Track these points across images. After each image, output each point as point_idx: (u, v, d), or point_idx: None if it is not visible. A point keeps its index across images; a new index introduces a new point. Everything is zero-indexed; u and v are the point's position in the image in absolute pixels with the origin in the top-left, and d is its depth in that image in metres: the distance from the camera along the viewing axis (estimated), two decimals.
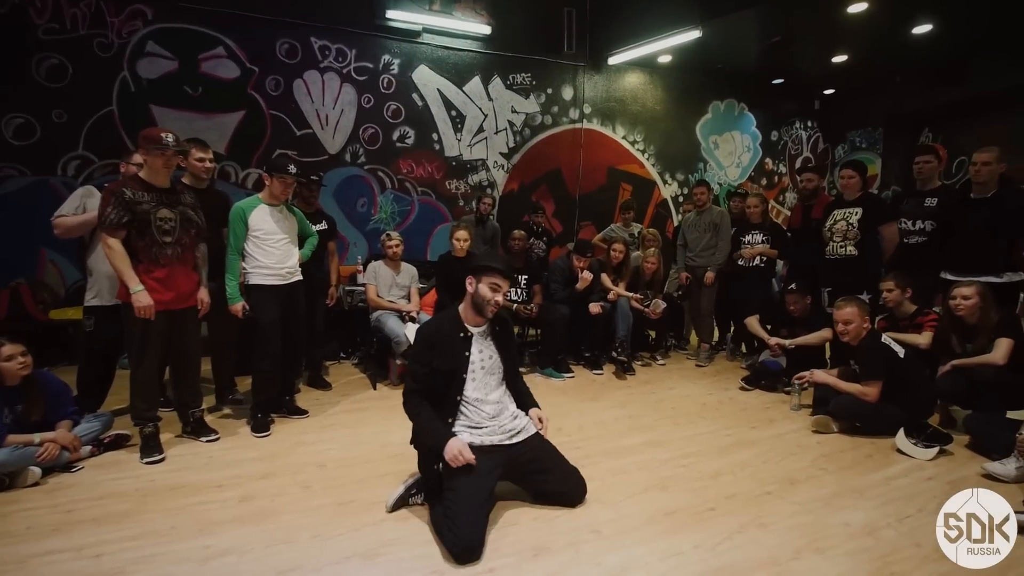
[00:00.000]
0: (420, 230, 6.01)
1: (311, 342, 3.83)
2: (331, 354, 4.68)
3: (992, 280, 3.28)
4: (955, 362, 3.10)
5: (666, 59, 6.77)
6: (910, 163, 3.87)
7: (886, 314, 3.65)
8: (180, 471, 2.57)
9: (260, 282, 3.05)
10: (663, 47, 6.01)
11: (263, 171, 3.15)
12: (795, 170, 8.23)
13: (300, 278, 3.23)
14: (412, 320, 4.02)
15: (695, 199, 5.02)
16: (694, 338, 5.34)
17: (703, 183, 5.00)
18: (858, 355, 3.22)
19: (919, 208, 3.72)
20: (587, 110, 6.77)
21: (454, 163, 6.12)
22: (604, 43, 6.49)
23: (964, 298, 3.06)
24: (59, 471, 2.50)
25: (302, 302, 3.26)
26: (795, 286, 4.00)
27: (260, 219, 3.03)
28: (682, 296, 5.20)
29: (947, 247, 3.59)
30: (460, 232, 4.25)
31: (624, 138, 7.08)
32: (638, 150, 7.19)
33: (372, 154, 5.73)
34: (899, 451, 2.89)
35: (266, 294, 3.05)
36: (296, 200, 3.74)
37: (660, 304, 4.66)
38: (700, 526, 2.15)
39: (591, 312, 4.39)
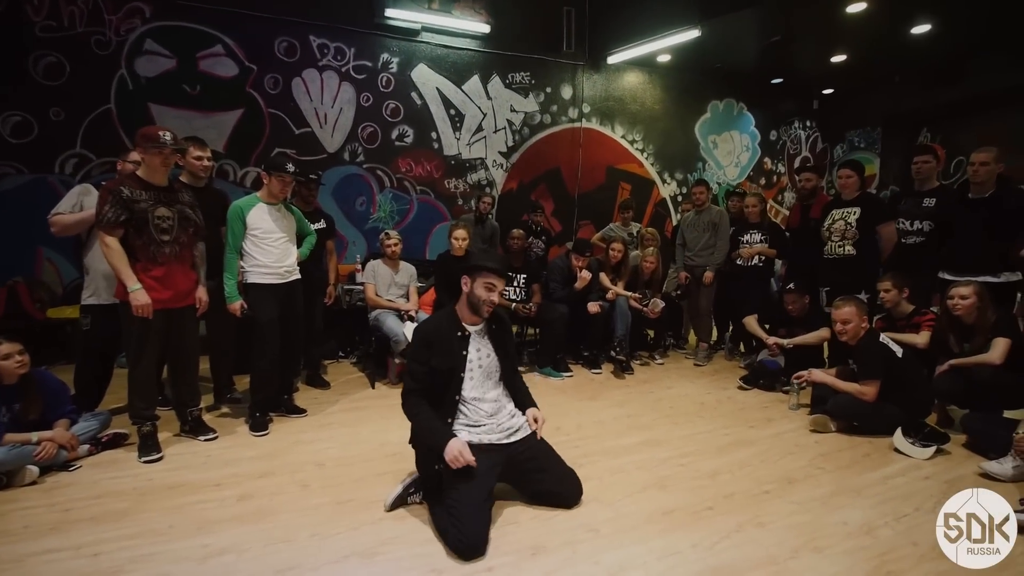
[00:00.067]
0: (419, 229, 6.00)
1: (309, 341, 3.83)
2: (330, 353, 4.68)
3: (990, 280, 3.28)
4: (953, 362, 3.11)
5: (665, 58, 6.77)
6: (908, 163, 3.88)
7: (884, 314, 3.65)
8: (178, 470, 2.57)
9: (258, 281, 3.04)
10: (662, 46, 6.02)
11: (261, 170, 3.15)
12: (794, 170, 8.24)
13: (298, 277, 3.23)
14: (411, 319, 4.01)
15: (694, 198, 5.02)
16: (692, 337, 5.35)
17: (702, 182, 5.00)
18: (856, 354, 3.22)
19: (917, 208, 3.73)
20: (586, 109, 6.77)
21: (453, 162, 6.12)
22: (603, 42, 6.49)
23: (962, 298, 3.07)
24: (57, 470, 2.50)
25: (300, 301, 3.25)
26: (793, 286, 4.01)
27: (258, 218, 3.03)
28: (681, 295, 5.20)
29: (945, 247, 3.60)
30: (458, 231, 4.25)
31: (623, 137, 7.08)
32: (637, 149, 7.20)
33: (371, 153, 5.72)
34: (897, 450, 2.89)
35: (264, 293, 3.05)
36: (295, 199, 3.74)
37: (659, 303, 4.67)
38: (698, 525, 2.15)
39: (590, 311, 4.39)
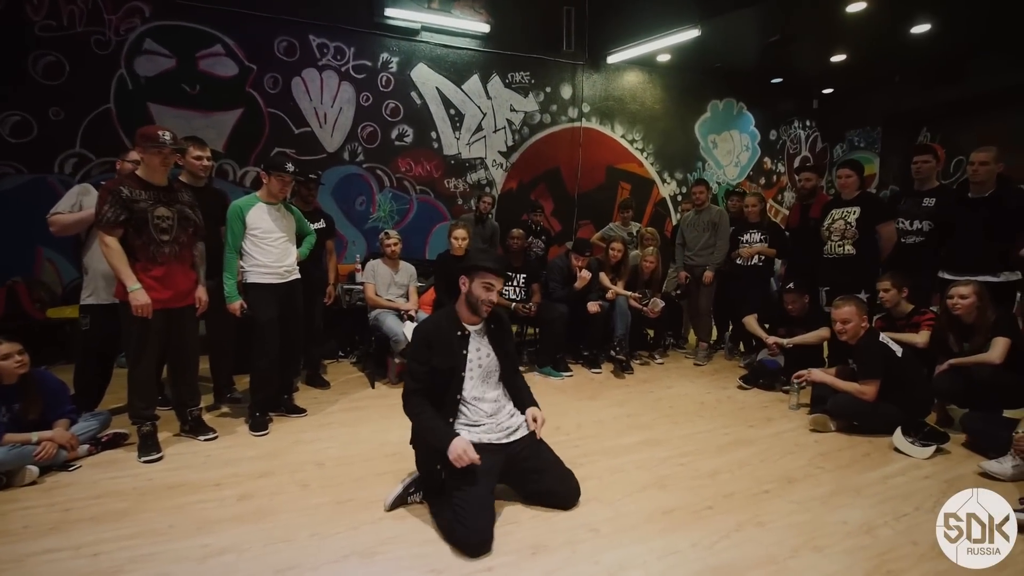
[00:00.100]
0: (418, 229, 6.00)
1: (309, 340, 3.83)
2: (329, 353, 4.68)
3: (989, 279, 3.28)
4: (952, 361, 3.11)
5: (665, 58, 6.77)
6: (908, 162, 3.88)
7: (883, 313, 3.65)
8: (178, 470, 2.57)
9: (258, 280, 3.04)
10: (662, 46, 6.02)
11: (261, 169, 3.15)
12: (793, 169, 8.24)
13: (298, 277, 3.23)
14: (410, 319, 4.01)
15: (694, 198, 5.02)
16: (692, 337, 5.35)
17: (702, 182, 5.00)
18: (856, 354, 3.22)
19: (917, 208, 3.73)
20: (586, 109, 6.77)
21: (453, 162, 6.11)
22: (603, 42, 6.48)
23: (961, 297, 3.07)
24: (57, 470, 2.50)
25: (300, 301, 3.25)
26: (793, 285, 4.01)
27: (258, 217, 3.03)
28: (680, 295, 5.20)
29: (945, 247, 3.60)
30: (458, 231, 4.25)
31: (623, 137, 7.08)
32: (637, 149, 7.19)
33: (370, 152, 5.72)
34: (896, 450, 2.89)
35: (264, 293, 3.05)
36: (294, 198, 3.74)
37: (658, 303, 4.67)
38: (698, 524, 2.15)
39: (589, 311, 4.39)
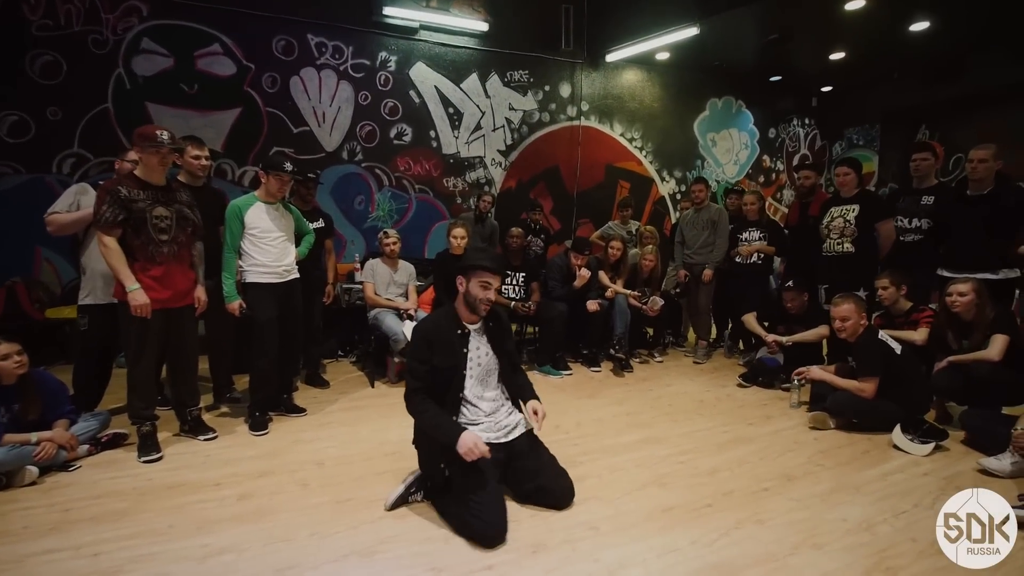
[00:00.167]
0: (418, 228, 6.00)
1: (309, 340, 3.84)
2: (329, 352, 4.68)
3: (988, 277, 3.29)
4: (951, 358, 3.12)
5: (664, 56, 6.76)
6: (907, 160, 3.88)
7: (882, 311, 3.66)
8: (178, 470, 2.57)
9: (257, 280, 3.04)
10: (661, 44, 6.01)
11: (259, 169, 3.14)
12: (792, 167, 8.24)
13: (297, 276, 3.22)
14: (410, 318, 4.01)
15: (693, 196, 5.02)
16: (692, 335, 5.35)
17: (701, 180, 5.00)
18: (855, 352, 3.23)
19: (915, 206, 3.73)
20: (585, 107, 6.76)
21: (451, 160, 6.11)
22: (602, 40, 6.48)
23: (960, 295, 3.07)
24: (56, 470, 2.50)
25: (299, 300, 3.25)
26: (792, 283, 4.02)
27: (256, 217, 3.02)
28: (680, 293, 5.20)
29: (944, 245, 3.60)
30: (457, 230, 4.25)
31: (622, 135, 7.07)
32: (636, 147, 7.19)
33: (369, 151, 5.71)
34: (895, 447, 2.90)
35: (263, 292, 3.04)
36: (293, 198, 3.74)
37: (658, 301, 4.67)
38: (697, 522, 2.15)
39: (589, 310, 4.39)
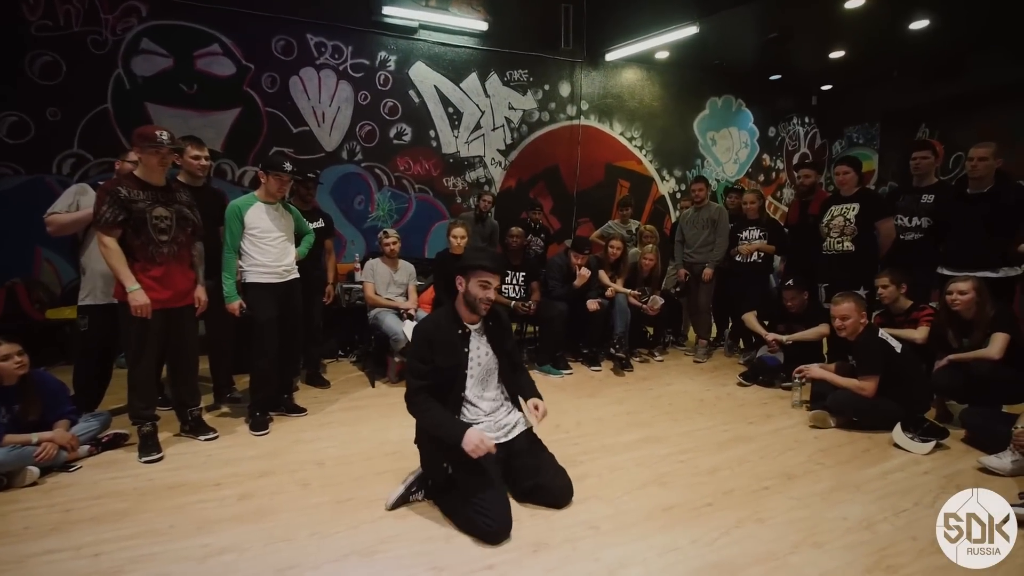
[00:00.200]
0: (417, 227, 6.00)
1: (309, 340, 3.84)
2: (329, 352, 4.68)
3: (988, 275, 3.29)
4: (951, 357, 3.11)
5: (663, 55, 6.76)
6: (907, 159, 3.88)
7: (882, 310, 3.65)
8: (178, 470, 2.57)
9: (257, 280, 3.04)
10: (660, 43, 6.01)
11: (259, 169, 3.14)
12: (792, 166, 8.24)
13: (297, 276, 3.22)
14: (410, 317, 4.01)
15: (693, 195, 5.02)
16: (692, 334, 5.35)
17: (701, 179, 5.00)
18: (855, 350, 3.23)
19: (915, 204, 3.73)
20: (584, 106, 6.76)
21: (451, 160, 6.10)
22: (601, 39, 6.47)
23: (960, 293, 3.07)
24: (57, 471, 2.50)
25: (299, 300, 3.25)
26: (792, 282, 4.01)
27: (256, 217, 3.02)
28: (680, 292, 5.20)
29: (944, 243, 3.60)
30: (457, 229, 4.25)
31: (622, 134, 7.07)
32: (636, 146, 7.19)
33: (369, 151, 5.71)
34: (896, 446, 2.90)
35: (263, 292, 3.04)
36: (293, 198, 3.74)
37: (658, 300, 4.67)
38: (698, 521, 2.15)
39: (589, 309, 4.39)
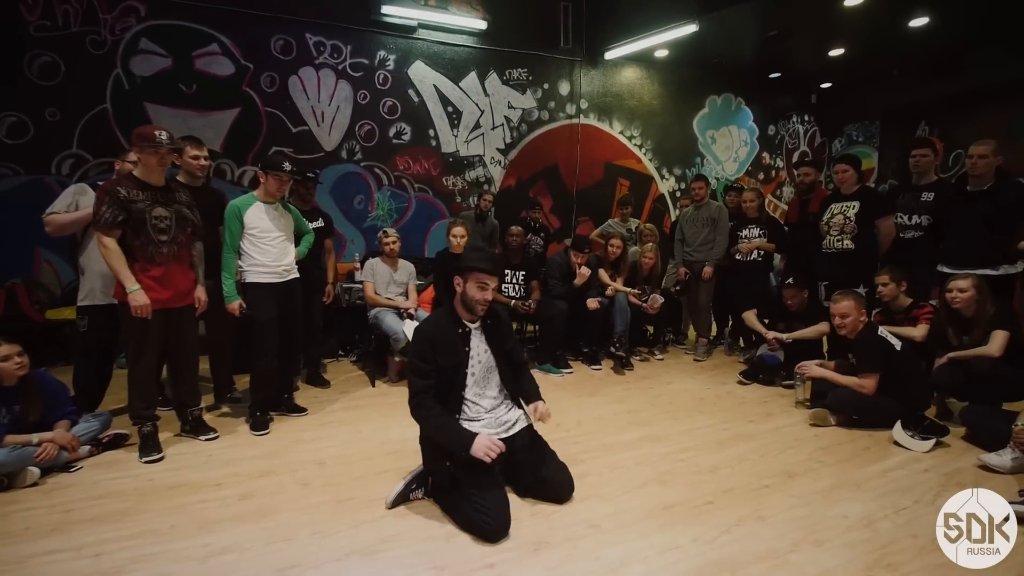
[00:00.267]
0: (417, 227, 6.00)
1: (309, 340, 3.84)
2: (329, 352, 4.68)
3: (988, 273, 3.29)
4: (952, 354, 3.11)
5: (663, 54, 6.75)
6: (907, 156, 3.87)
7: (882, 307, 3.65)
8: (179, 470, 2.57)
9: (257, 280, 3.04)
10: (660, 41, 6.00)
11: (258, 169, 3.14)
12: (792, 164, 8.23)
13: (297, 276, 3.22)
14: (410, 317, 4.01)
15: (693, 194, 5.02)
16: (692, 333, 5.35)
17: (701, 178, 5.00)
18: (855, 348, 3.23)
19: (915, 202, 3.72)
20: (584, 105, 6.75)
21: (451, 159, 6.10)
22: (600, 38, 6.47)
23: (960, 291, 3.07)
24: (58, 471, 2.50)
25: (299, 300, 3.25)
26: (792, 280, 4.01)
27: (256, 217, 3.02)
28: (680, 291, 5.20)
29: (943, 241, 3.60)
30: (457, 228, 4.25)
31: (621, 133, 7.07)
32: (635, 145, 7.18)
33: (368, 151, 5.71)
34: (896, 443, 2.90)
35: (263, 292, 3.04)
36: (292, 197, 3.73)
37: (658, 299, 4.67)
38: (698, 520, 2.15)
39: (589, 308, 4.39)
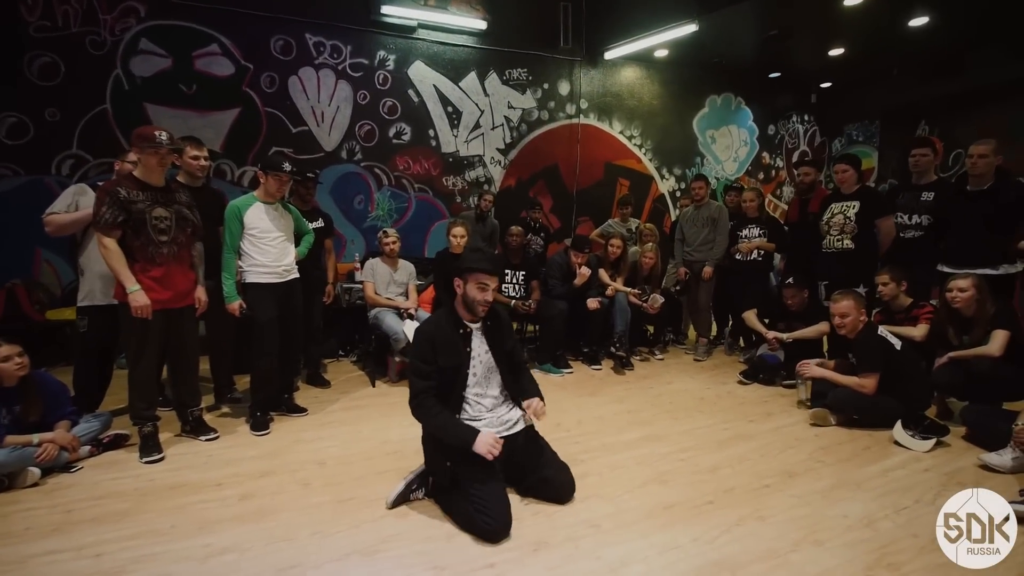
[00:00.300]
0: (417, 227, 6.00)
1: (309, 340, 3.84)
2: (329, 352, 4.68)
3: (988, 272, 3.29)
4: (952, 354, 3.11)
5: (663, 53, 6.75)
6: (907, 156, 3.87)
7: (882, 307, 3.65)
8: (179, 470, 2.57)
9: (257, 280, 3.04)
10: (659, 41, 6.00)
11: (258, 169, 3.14)
12: (792, 164, 8.23)
13: (297, 276, 3.22)
14: (410, 317, 4.01)
15: (693, 194, 5.02)
16: (692, 333, 5.35)
17: (701, 178, 4.99)
18: (855, 348, 3.23)
19: (915, 202, 3.72)
20: (584, 105, 6.75)
21: (451, 159, 6.10)
22: (600, 37, 6.47)
23: (960, 290, 3.07)
24: (58, 471, 2.50)
25: (299, 300, 3.25)
26: (792, 280, 4.01)
27: (256, 217, 3.02)
28: (680, 291, 5.20)
29: (944, 240, 3.60)
30: (457, 228, 4.25)
31: (621, 133, 7.07)
32: (635, 145, 7.18)
33: (368, 151, 5.71)
34: (896, 443, 2.90)
35: (263, 292, 3.04)
36: (292, 198, 3.74)
37: (658, 299, 4.67)
38: (699, 519, 2.16)
39: (589, 308, 4.39)
